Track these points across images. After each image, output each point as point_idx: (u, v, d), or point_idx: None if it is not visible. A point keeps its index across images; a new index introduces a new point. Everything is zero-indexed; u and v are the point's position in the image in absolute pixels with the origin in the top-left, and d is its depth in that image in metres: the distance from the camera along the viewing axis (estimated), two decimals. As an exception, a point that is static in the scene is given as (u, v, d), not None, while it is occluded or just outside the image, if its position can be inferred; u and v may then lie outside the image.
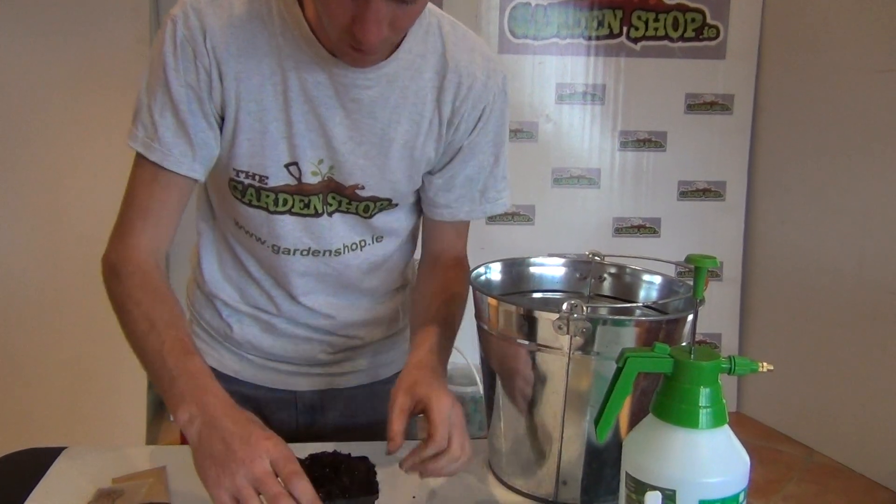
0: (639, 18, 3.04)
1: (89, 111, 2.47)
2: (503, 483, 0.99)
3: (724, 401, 0.74)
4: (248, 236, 1.07)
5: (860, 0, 2.72)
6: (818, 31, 2.88)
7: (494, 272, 1.08)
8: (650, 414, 0.75)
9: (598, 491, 0.95)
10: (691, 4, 3.04)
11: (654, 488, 0.71)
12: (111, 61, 2.47)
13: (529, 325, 0.91)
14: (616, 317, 0.99)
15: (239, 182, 1.01)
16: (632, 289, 1.08)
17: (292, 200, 1.02)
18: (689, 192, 3.17)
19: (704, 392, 0.72)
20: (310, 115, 0.98)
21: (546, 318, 0.88)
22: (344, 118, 0.98)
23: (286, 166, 1.00)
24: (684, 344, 0.87)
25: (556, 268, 1.11)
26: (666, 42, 3.07)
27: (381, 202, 1.05)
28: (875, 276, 2.68)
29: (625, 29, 3.04)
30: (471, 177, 1.07)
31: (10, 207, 2.51)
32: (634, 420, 0.85)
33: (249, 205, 1.02)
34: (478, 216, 1.11)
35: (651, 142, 3.13)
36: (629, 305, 1.06)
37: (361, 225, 1.07)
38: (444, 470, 0.87)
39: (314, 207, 1.03)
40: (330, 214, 1.05)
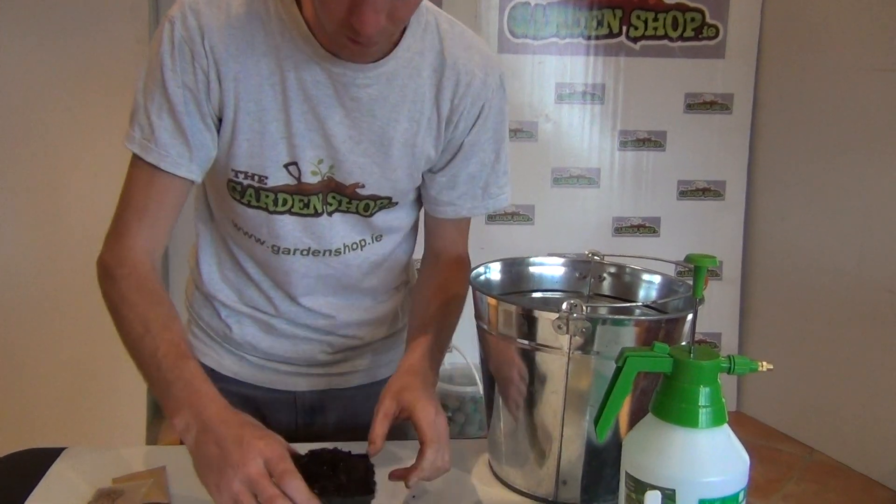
0: (638, 18, 3.04)
1: (88, 111, 2.47)
2: (503, 482, 0.99)
3: (724, 400, 0.74)
4: (247, 237, 1.07)
5: (859, -1, 2.73)
6: (817, 31, 2.88)
7: (494, 272, 1.08)
8: (650, 413, 0.75)
9: (598, 490, 0.95)
10: (691, 4, 3.04)
11: (654, 488, 0.71)
12: (110, 61, 2.46)
13: (529, 325, 0.91)
14: (616, 316, 0.99)
15: (238, 183, 1.01)
16: (631, 288, 1.08)
17: (292, 200, 1.02)
18: (689, 192, 3.17)
19: (704, 391, 0.72)
20: (309, 115, 0.98)
21: (546, 318, 0.88)
22: (343, 117, 0.98)
23: (285, 166, 1.00)
24: (684, 343, 0.87)
25: (556, 267, 1.11)
26: (665, 41, 3.07)
27: (381, 201, 1.05)
28: (875, 276, 2.68)
29: (624, 28, 3.04)
30: (473, 174, 1.07)
31: (10, 207, 2.50)
32: (634, 419, 0.85)
33: (248, 205, 1.02)
34: (480, 212, 1.11)
35: (650, 141, 3.13)
36: (629, 305, 1.06)
37: (361, 224, 1.07)
38: (425, 478, 0.88)
39: (314, 207, 1.03)
40: (330, 214, 1.05)
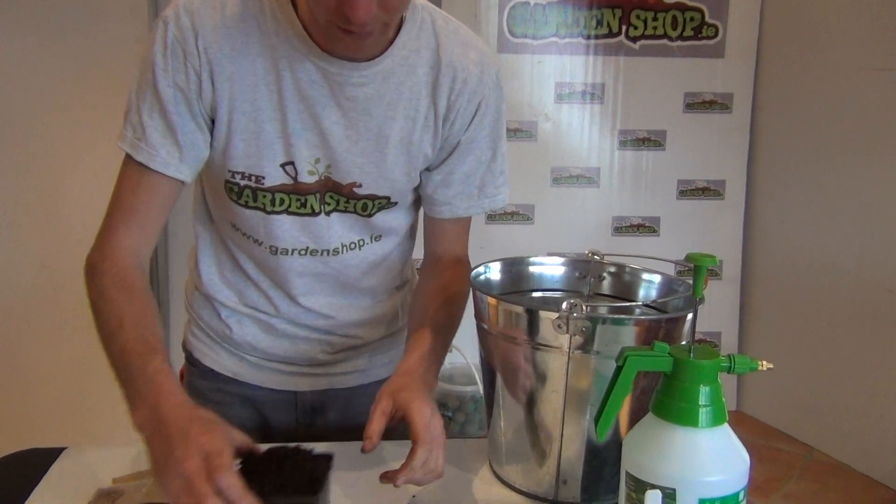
0: (638, 17, 3.04)
1: (88, 111, 2.47)
2: (503, 482, 0.99)
3: (724, 399, 0.74)
4: (246, 238, 1.07)
5: (859, -2, 2.73)
6: (817, 30, 2.88)
7: (494, 272, 1.08)
8: (650, 413, 0.76)
9: (598, 490, 0.95)
10: (690, 3, 3.04)
11: (654, 487, 0.71)
12: (110, 61, 2.46)
13: (529, 325, 0.91)
14: (616, 316, 0.99)
15: (235, 184, 1.00)
16: (631, 288, 1.08)
17: (289, 200, 1.02)
18: (689, 191, 3.17)
19: (704, 391, 0.72)
20: (305, 114, 0.97)
21: (546, 318, 0.88)
22: (340, 117, 0.98)
23: (282, 166, 0.99)
24: (684, 343, 0.87)
25: (556, 267, 1.11)
26: (665, 41, 3.06)
27: (380, 200, 1.05)
28: (875, 275, 2.68)
29: (624, 28, 3.04)
30: (468, 173, 1.07)
31: (10, 208, 2.51)
32: (634, 419, 0.85)
33: (246, 206, 1.02)
34: (476, 212, 1.11)
35: (650, 141, 3.13)
36: (629, 304, 1.06)
37: (360, 224, 1.07)
38: (416, 480, 0.86)
39: (311, 206, 1.03)
40: (328, 213, 1.04)
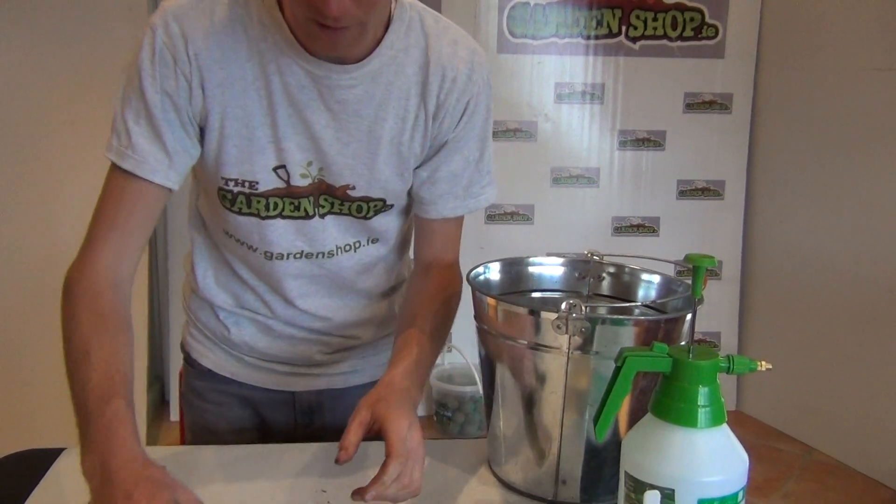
0: (637, 18, 3.04)
1: (87, 112, 2.46)
2: (502, 482, 0.99)
3: (723, 399, 0.74)
4: (239, 244, 1.06)
5: (858, -1, 2.73)
6: (817, 30, 2.88)
7: (493, 272, 1.08)
8: (649, 413, 0.76)
9: (598, 490, 0.95)
10: (690, 3, 3.04)
11: (653, 487, 0.71)
12: (109, 62, 2.46)
13: (528, 325, 0.91)
14: (615, 316, 0.99)
15: (228, 191, 1.00)
16: (630, 288, 1.08)
17: (283, 204, 1.01)
18: (688, 191, 3.17)
19: (703, 391, 0.72)
20: (295, 118, 0.97)
21: (545, 318, 0.88)
22: (330, 120, 0.98)
23: (274, 170, 0.99)
24: (683, 343, 0.87)
25: (555, 267, 1.11)
26: (665, 41, 3.07)
27: (375, 202, 1.04)
28: (874, 275, 2.69)
29: (623, 28, 3.04)
30: (455, 172, 1.06)
31: (9, 208, 2.51)
32: (633, 419, 0.85)
33: (240, 213, 1.02)
34: (461, 212, 1.09)
35: (650, 141, 3.13)
36: (628, 305, 1.06)
37: (356, 226, 1.06)
38: (389, 497, 0.83)
39: (304, 210, 1.03)
40: (322, 216, 1.04)
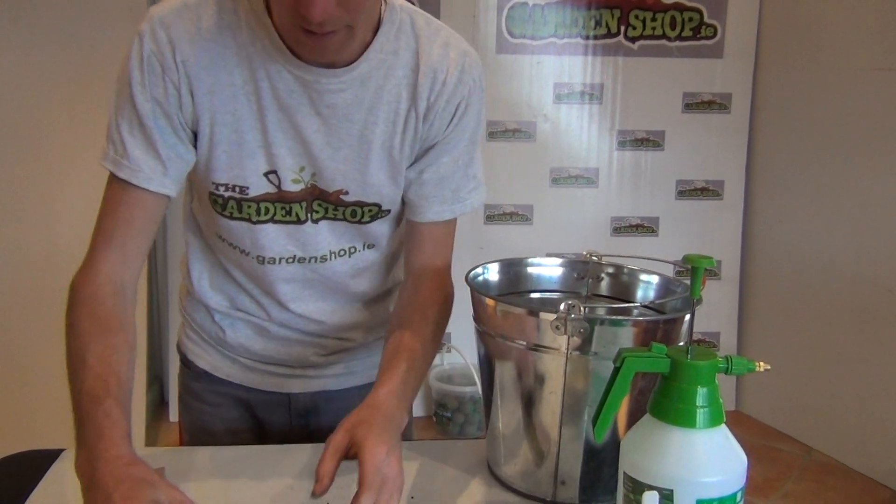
0: (636, 18, 3.04)
1: (86, 113, 2.46)
2: (502, 483, 0.99)
3: (722, 400, 0.74)
4: (232, 248, 1.06)
5: (857, -1, 2.73)
6: (816, 30, 2.89)
7: (492, 272, 1.08)
8: (647, 414, 0.76)
9: (596, 491, 0.95)
10: (689, 3, 3.05)
11: (652, 488, 0.71)
12: (108, 63, 2.45)
13: (527, 326, 0.91)
14: (613, 317, 0.99)
15: (219, 196, 1.00)
16: (629, 289, 1.08)
17: (274, 209, 1.01)
18: (687, 192, 3.18)
19: (701, 392, 0.72)
20: (285, 123, 0.97)
21: (544, 319, 0.88)
22: (321, 125, 0.97)
23: (265, 175, 0.99)
24: (682, 344, 0.87)
25: (554, 268, 1.11)
26: (663, 41, 3.07)
27: (369, 207, 1.04)
28: (873, 274, 2.69)
29: (622, 28, 3.05)
30: (443, 175, 1.04)
31: (9, 209, 2.50)
32: (632, 420, 0.85)
33: (231, 218, 1.01)
34: (447, 216, 1.07)
35: (649, 141, 3.13)
36: (627, 305, 1.06)
37: (351, 231, 1.06)
38: None
39: (296, 214, 1.02)
40: (316, 221, 1.04)
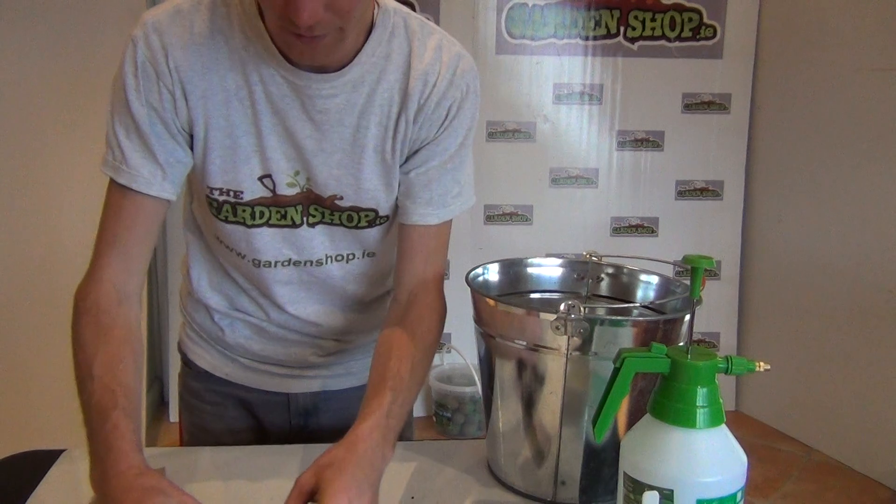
0: (636, 18, 3.05)
1: (85, 114, 2.46)
2: (502, 483, 1.00)
3: (722, 400, 0.74)
4: (230, 251, 1.06)
5: (857, -1, 2.73)
6: (815, 30, 2.89)
7: (492, 273, 1.08)
8: (647, 414, 0.76)
9: (597, 491, 0.95)
10: (688, 4, 3.05)
11: (652, 488, 0.71)
12: (107, 64, 2.44)
13: (527, 326, 0.91)
14: (613, 317, 0.99)
15: (214, 199, 1.00)
16: (629, 289, 1.08)
17: (269, 213, 1.01)
18: (687, 192, 3.18)
19: (701, 392, 0.72)
20: (279, 128, 0.97)
21: (544, 319, 0.88)
22: (313, 130, 0.97)
23: (260, 179, 0.99)
24: (682, 344, 0.87)
25: (554, 268, 1.11)
26: (663, 42, 3.07)
27: (366, 212, 1.03)
28: (872, 275, 2.69)
29: (622, 29, 3.05)
30: (430, 177, 1.03)
31: (8, 209, 2.51)
32: (632, 420, 0.85)
33: (226, 221, 1.01)
34: (432, 220, 1.04)
35: (649, 141, 3.13)
36: (627, 306, 1.07)
37: (349, 238, 1.05)
38: None
39: (291, 218, 1.02)
40: (311, 225, 1.03)
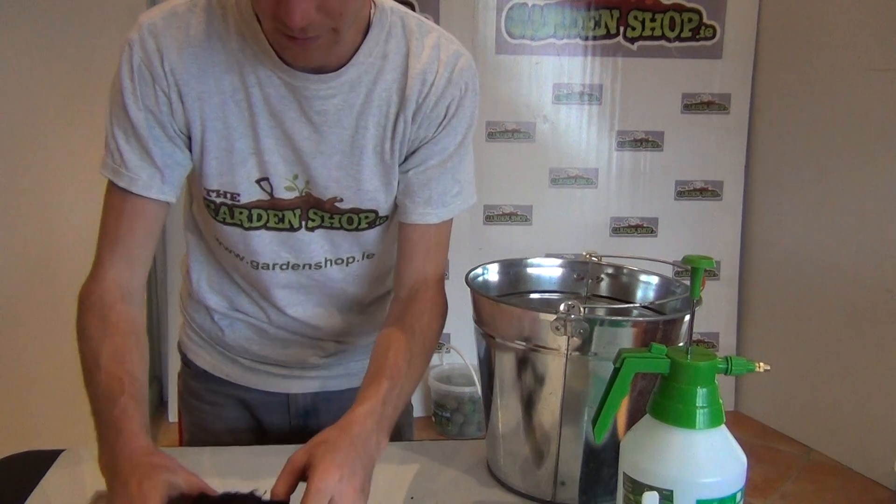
0: (635, 18, 3.05)
1: (85, 114, 2.46)
2: (501, 483, 1.00)
3: (721, 400, 0.74)
4: (229, 252, 1.06)
5: (856, -1, 2.73)
6: (815, 30, 2.89)
7: (492, 273, 1.08)
8: (647, 414, 0.76)
9: (596, 491, 0.95)
10: (688, 4, 3.05)
11: (652, 488, 0.71)
12: (107, 64, 2.44)
13: (527, 326, 0.91)
14: (613, 317, 0.99)
15: (211, 201, 1.00)
16: (629, 289, 1.08)
17: (266, 216, 1.01)
18: (687, 192, 3.18)
19: (701, 392, 0.72)
20: (277, 130, 0.96)
21: (544, 319, 0.88)
22: (312, 132, 0.97)
23: (257, 182, 0.99)
24: (681, 344, 0.87)
25: (554, 268, 1.11)
26: (663, 42, 3.07)
27: (366, 214, 1.03)
28: (872, 275, 2.69)
29: (621, 29, 3.05)
30: (429, 176, 1.03)
31: (8, 209, 2.51)
32: (632, 420, 0.85)
33: (224, 223, 1.01)
34: (432, 220, 1.04)
35: (648, 141, 3.13)
36: (626, 306, 1.07)
37: (350, 241, 1.05)
38: None
39: (289, 222, 1.02)
40: (310, 230, 1.03)
